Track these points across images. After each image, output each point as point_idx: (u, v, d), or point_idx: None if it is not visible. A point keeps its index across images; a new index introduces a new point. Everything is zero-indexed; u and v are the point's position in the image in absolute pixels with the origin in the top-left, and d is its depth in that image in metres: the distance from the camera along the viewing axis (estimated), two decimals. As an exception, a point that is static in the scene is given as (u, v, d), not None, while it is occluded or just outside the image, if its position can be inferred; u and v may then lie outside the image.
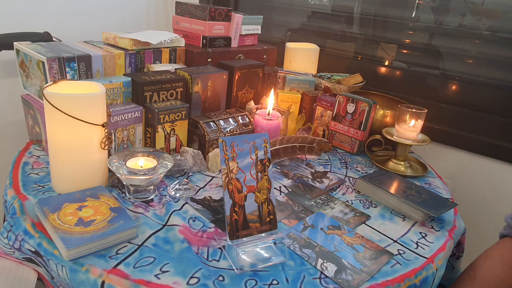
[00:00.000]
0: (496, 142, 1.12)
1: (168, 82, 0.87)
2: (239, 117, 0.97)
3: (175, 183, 0.79)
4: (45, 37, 1.09)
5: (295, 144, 0.98)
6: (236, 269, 0.59)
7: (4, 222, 0.68)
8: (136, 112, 0.82)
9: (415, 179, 0.96)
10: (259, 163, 0.64)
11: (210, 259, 0.61)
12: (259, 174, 0.64)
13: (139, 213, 0.70)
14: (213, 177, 0.86)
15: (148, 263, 0.59)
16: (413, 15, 1.31)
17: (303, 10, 1.56)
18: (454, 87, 1.23)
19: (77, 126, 0.67)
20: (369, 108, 0.99)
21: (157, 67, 0.95)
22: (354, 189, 0.88)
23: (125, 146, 0.84)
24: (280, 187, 0.85)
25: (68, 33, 1.22)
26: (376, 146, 1.04)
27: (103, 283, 0.55)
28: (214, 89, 0.98)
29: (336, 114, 1.05)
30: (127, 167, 0.72)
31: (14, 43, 0.85)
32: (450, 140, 1.19)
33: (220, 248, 0.64)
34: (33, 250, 0.61)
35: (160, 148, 0.86)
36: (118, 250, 0.60)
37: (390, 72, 1.34)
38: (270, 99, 0.99)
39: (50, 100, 0.65)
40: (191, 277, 0.57)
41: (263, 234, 0.63)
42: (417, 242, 0.72)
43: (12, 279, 0.62)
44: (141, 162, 0.75)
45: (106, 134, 0.72)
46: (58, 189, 0.73)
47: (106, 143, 0.72)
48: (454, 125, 1.19)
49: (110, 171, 0.74)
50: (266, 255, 0.63)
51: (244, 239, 0.62)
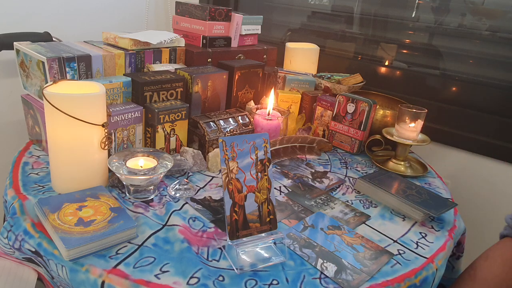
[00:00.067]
0: (496, 142, 1.12)
1: (168, 82, 0.87)
2: (239, 117, 0.97)
3: (175, 183, 0.79)
4: (45, 37, 1.09)
5: (295, 144, 0.98)
6: (236, 269, 0.59)
7: (4, 222, 0.68)
8: (136, 112, 0.82)
9: (415, 179, 0.96)
10: (259, 163, 0.64)
11: (210, 259, 0.61)
12: (259, 174, 0.64)
13: (139, 213, 0.70)
14: (213, 177, 0.86)
15: (148, 263, 0.59)
16: (413, 15, 1.31)
17: (303, 10, 1.56)
18: (454, 87, 1.23)
19: (77, 126, 0.67)
20: (369, 108, 0.99)
21: (157, 67, 0.95)
22: (354, 189, 0.88)
23: (125, 146, 0.84)
24: (280, 187, 0.85)
25: (68, 33, 1.22)
26: (376, 146, 1.04)
27: (103, 283, 0.55)
28: (214, 89, 0.98)
29: (336, 114, 1.05)
30: (127, 167, 0.72)
31: (14, 43, 0.85)
32: (450, 140, 1.19)
33: (220, 248, 0.64)
34: (33, 250, 0.61)
35: (160, 148, 0.86)
36: (118, 250, 0.60)
37: (390, 72, 1.34)
38: (270, 99, 0.99)
39: (50, 100, 0.65)
40: (191, 277, 0.57)
41: (263, 234, 0.63)
42: (417, 242, 0.72)
43: (12, 279, 0.62)
44: (141, 162, 0.75)
45: (106, 134, 0.72)
46: (58, 189, 0.73)
47: (106, 143, 0.72)
48: (454, 125, 1.19)
49: (110, 171, 0.74)
50: (266, 255, 0.63)
51: (244, 239, 0.62)
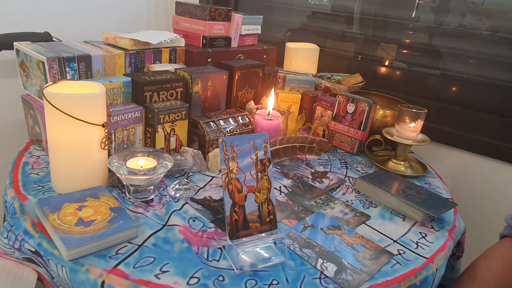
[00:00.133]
0: (496, 142, 1.12)
1: (168, 82, 0.87)
2: (239, 117, 0.97)
3: (175, 183, 0.79)
4: (45, 37, 1.09)
5: (295, 144, 0.98)
6: (236, 269, 0.59)
7: (4, 222, 0.68)
8: (136, 112, 0.82)
9: (415, 179, 0.96)
10: (259, 163, 0.64)
11: (210, 259, 0.61)
12: (259, 174, 0.64)
13: (139, 213, 0.70)
14: (213, 177, 0.86)
15: (148, 263, 0.59)
16: (413, 15, 1.31)
17: (303, 10, 1.56)
18: (454, 87, 1.23)
19: (77, 126, 0.67)
20: (369, 108, 0.99)
21: (157, 67, 0.95)
22: (354, 189, 0.88)
23: (125, 146, 0.84)
24: (280, 187, 0.85)
25: (68, 33, 1.22)
26: (376, 146, 1.04)
27: (103, 283, 0.55)
28: (214, 89, 0.98)
29: (336, 114, 1.05)
30: (127, 167, 0.72)
31: (14, 43, 0.85)
32: (450, 140, 1.19)
33: (220, 248, 0.64)
34: (33, 250, 0.61)
35: (160, 148, 0.86)
36: (118, 250, 0.60)
37: (390, 72, 1.34)
38: (270, 99, 0.99)
39: (50, 100, 0.65)
40: (191, 277, 0.57)
41: (263, 234, 0.63)
42: (417, 242, 0.72)
43: (12, 279, 0.62)
44: (141, 162, 0.75)
45: (106, 134, 0.72)
46: (58, 189, 0.73)
47: (106, 143, 0.72)
48: (454, 125, 1.19)
49: (110, 171, 0.74)
50: (266, 255, 0.63)
51: (244, 239, 0.62)
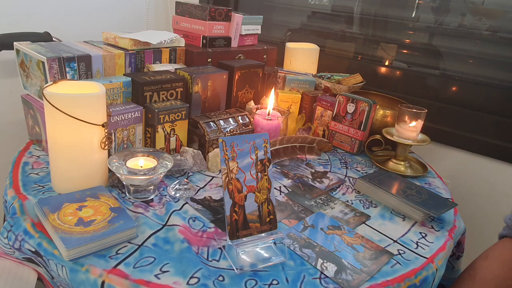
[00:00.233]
0: (496, 142, 1.12)
1: (168, 82, 0.87)
2: (239, 117, 0.97)
3: (175, 183, 0.79)
4: (45, 37, 1.09)
5: (295, 144, 0.98)
6: (236, 269, 0.59)
7: (4, 222, 0.68)
8: (136, 112, 0.82)
9: (415, 179, 0.96)
10: (259, 163, 0.64)
11: (210, 259, 0.61)
12: (259, 174, 0.64)
13: (139, 213, 0.70)
14: (213, 177, 0.86)
15: (148, 263, 0.59)
16: (413, 15, 1.31)
17: (303, 10, 1.56)
18: (454, 87, 1.23)
19: (77, 126, 0.67)
20: (369, 108, 0.99)
21: (157, 67, 0.95)
22: (354, 189, 0.88)
23: (125, 146, 0.84)
24: (280, 187, 0.85)
25: (68, 33, 1.22)
26: (376, 146, 1.04)
27: (103, 283, 0.55)
28: (214, 89, 0.98)
29: (336, 114, 1.05)
30: (127, 167, 0.72)
31: (14, 43, 0.85)
32: (450, 140, 1.19)
33: (220, 248, 0.64)
34: (33, 250, 0.61)
35: (160, 148, 0.86)
36: (118, 250, 0.60)
37: (390, 72, 1.34)
38: (270, 99, 0.99)
39: (50, 100, 0.65)
40: (191, 277, 0.57)
41: (263, 234, 0.63)
42: (417, 242, 0.72)
43: (12, 279, 0.62)
44: (141, 162, 0.75)
45: (106, 134, 0.72)
46: (58, 189, 0.73)
47: (106, 143, 0.72)
48: (454, 125, 1.19)
49: (110, 171, 0.74)
50: (266, 255, 0.63)
51: (244, 239, 0.62)
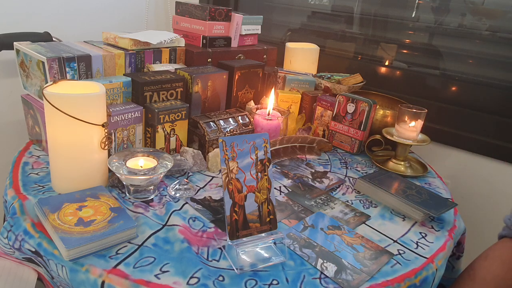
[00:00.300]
0: (496, 142, 1.12)
1: (168, 82, 0.87)
2: (239, 117, 0.97)
3: (175, 183, 0.79)
4: (45, 37, 1.09)
5: (295, 144, 0.98)
6: (236, 269, 0.59)
7: (4, 222, 0.68)
8: (136, 112, 0.82)
9: (415, 179, 0.96)
10: (259, 163, 0.64)
11: (210, 259, 0.61)
12: (259, 174, 0.64)
13: (139, 213, 0.70)
14: (213, 177, 0.86)
15: (148, 263, 0.59)
16: (413, 15, 1.31)
17: (303, 10, 1.56)
18: (454, 87, 1.23)
19: (77, 126, 0.67)
20: (369, 108, 0.99)
21: (157, 67, 0.95)
22: (354, 189, 0.88)
23: (125, 146, 0.84)
24: (280, 187, 0.85)
25: (68, 33, 1.22)
26: (376, 146, 1.04)
27: (103, 283, 0.55)
28: (214, 89, 0.98)
29: (336, 114, 1.05)
30: (127, 167, 0.72)
31: (14, 43, 0.85)
32: (450, 140, 1.19)
33: (220, 248, 0.64)
34: (33, 250, 0.61)
35: (160, 148, 0.86)
36: (118, 250, 0.60)
37: (390, 72, 1.34)
38: (270, 99, 0.99)
39: (50, 100, 0.65)
40: (191, 277, 0.57)
41: (263, 234, 0.63)
42: (417, 242, 0.72)
43: (12, 279, 0.62)
44: (141, 162, 0.75)
45: (106, 134, 0.72)
46: (58, 189, 0.73)
47: (106, 143, 0.72)
48: (454, 125, 1.19)
49: (110, 171, 0.74)
50: (266, 255, 0.63)
51: (244, 239, 0.62)
